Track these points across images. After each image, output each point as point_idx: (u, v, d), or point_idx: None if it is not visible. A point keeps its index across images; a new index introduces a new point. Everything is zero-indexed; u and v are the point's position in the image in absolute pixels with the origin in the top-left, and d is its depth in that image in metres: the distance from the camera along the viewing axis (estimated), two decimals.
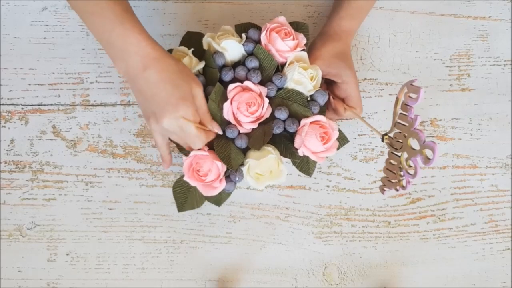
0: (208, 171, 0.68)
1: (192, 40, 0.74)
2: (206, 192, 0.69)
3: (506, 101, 0.80)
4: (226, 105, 0.69)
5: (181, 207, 0.72)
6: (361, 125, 0.79)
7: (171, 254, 0.76)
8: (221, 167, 0.68)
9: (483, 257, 0.76)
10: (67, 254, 0.75)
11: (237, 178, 0.70)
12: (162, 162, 0.71)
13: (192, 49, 0.72)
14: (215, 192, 0.69)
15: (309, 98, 0.73)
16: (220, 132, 0.69)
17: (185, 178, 0.68)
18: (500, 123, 0.79)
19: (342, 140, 0.75)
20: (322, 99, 0.73)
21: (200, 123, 0.66)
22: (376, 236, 0.77)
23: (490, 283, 0.76)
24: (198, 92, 0.65)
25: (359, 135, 0.79)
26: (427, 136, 0.79)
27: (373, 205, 0.77)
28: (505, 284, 0.76)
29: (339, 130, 0.72)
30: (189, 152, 0.69)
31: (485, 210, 0.77)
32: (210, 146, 0.70)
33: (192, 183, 0.68)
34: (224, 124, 0.71)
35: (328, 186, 0.78)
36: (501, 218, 0.77)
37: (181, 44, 0.73)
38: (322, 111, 0.74)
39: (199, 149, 0.69)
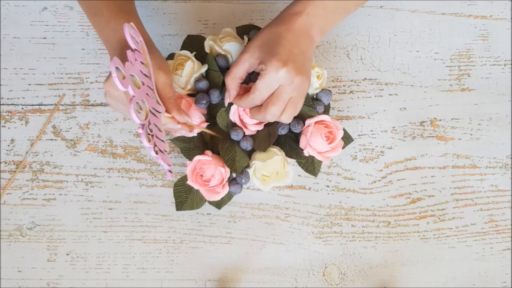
0: (211, 177, 0.68)
1: (193, 43, 0.74)
2: (209, 197, 0.69)
3: (506, 101, 0.80)
4: (233, 107, 0.69)
5: (180, 206, 0.72)
6: (361, 125, 0.79)
7: (171, 254, 0.76)
8: (224, 172, 0.68)
9: (483, 257, 0.76)
10: (67, 254, 0.76)
11: (243, 181, 0.70)
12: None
13: (194, 52, 0.72)
14: (218, 197, 0.69)
15: (314, 97, 0.74)
16: (189, 119, 0.64)
17: (188, 182, 0.69)
18: (500, 123, 0.79)
19: (347, 139, 0.75)
20: (326, 99, 0.73)
21: (167, 110, 0.62)
22: (376, 236, 0.77)
23: (490, 283, 0.76)
24: (161, 78, 0.62)
25: (359, 135, 0.79)
26: (428, 136, 0.79)
27: (373, 205, 0.77)
28: (505, 284, 0.76)
29: (344, 129, 0.72)
30: (193, 156, 0.69)
31: (485, 210, 0.77)
32: (214, 151, 0.70)
33: (196, 187, 0.69)
34: (230, 126, 0.71)
35: (328, 186, 0.78)
36: (501, 218, 0.77)
37: (182, 47, 0.74)
38: (327, 110, 0.74)
39: (203, 154, 0.69)
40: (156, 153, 0.56)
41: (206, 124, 0.71)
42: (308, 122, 0.70)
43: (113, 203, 0.77)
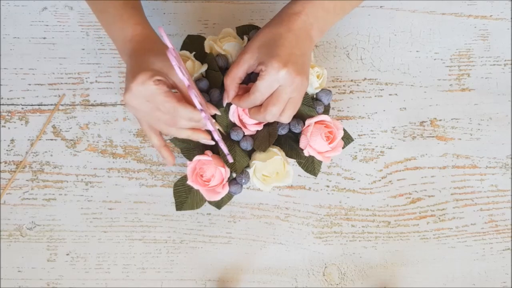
0: (211, 177, 0.68)
1: (193, 43, 0.74)
2: (209, 197, 0.69)
3: (506, 101, 0.80)
4: (232, 107, 0.69)
5: (180, 206, 0.72)
6: (361, 125, 0.79)
7: (171, 254, 0.76)
8: (224, 173, 0.68)
9: (483, 257, 0.76)
10: (67, 254, 0.76)
11: (243, 181, 0.70)
12: (163, 159, 0.68)
13: (194, 52, 0.72)
14: (218, 197, 0.69)
15: (314, 97, 0.74)
16: (218, 112, 0.66)
17: (188, 182, 0.69)
18: (500, 123, 0.79)
19: (347, 139, 0.75)
20: (326, 99, 0.73)
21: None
22: (376, 236, 0.77)
23: (490, 283, 0.76)
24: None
25: (359, 135, 0.79)
26: (428, 136, 0.79)
27: (373, 205, 0.77)
28: (505, 284, 0.76)
29: (344, 129, 0.72)
30: (193, 156, 0.69)
31: (485, 210, 0.77)
32: (214, 151, 0.70)
33: (196, 187, 0.69)
34: (230, 126, 0.71)
35: (328, 186, 0.78)
36: (501, 218, 0.77)
37: (182, 48, 0.74)
38: (327, 110, 0.74)
39: (203, 154, 0.69)
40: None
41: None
42: (308, 122, 0.70)
43: (113, 203, 0.77)
